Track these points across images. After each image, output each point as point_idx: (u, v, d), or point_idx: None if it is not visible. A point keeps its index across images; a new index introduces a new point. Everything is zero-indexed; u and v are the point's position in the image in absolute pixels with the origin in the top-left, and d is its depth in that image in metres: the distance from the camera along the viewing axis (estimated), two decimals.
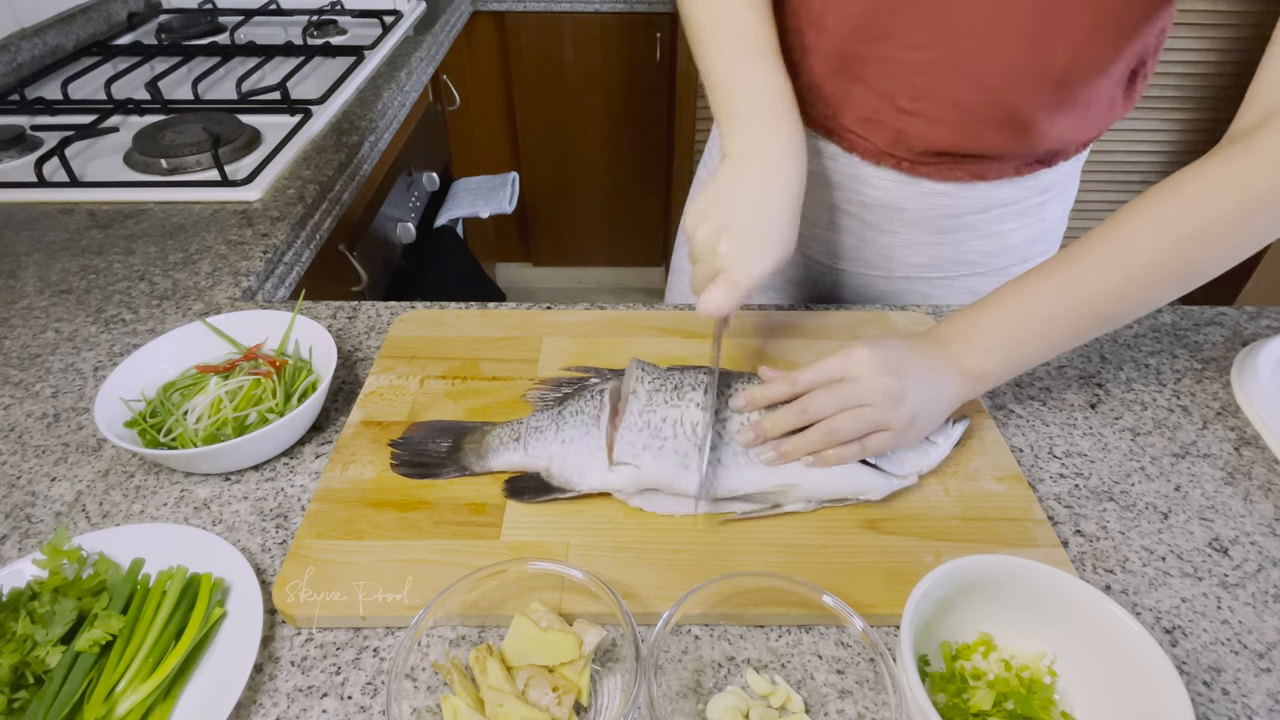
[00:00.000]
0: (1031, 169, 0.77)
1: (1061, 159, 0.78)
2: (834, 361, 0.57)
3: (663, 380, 0.62)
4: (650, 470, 0.57)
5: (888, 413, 0.56)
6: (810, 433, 0.56)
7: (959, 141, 0.74)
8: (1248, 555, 0.57)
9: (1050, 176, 0.79)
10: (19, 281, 0.85)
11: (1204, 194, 0.53)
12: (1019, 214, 0.81)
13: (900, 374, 0.56)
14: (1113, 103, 0.74)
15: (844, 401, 0.56)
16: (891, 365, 0.56)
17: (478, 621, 0.52)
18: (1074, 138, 0.76)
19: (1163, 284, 0.55)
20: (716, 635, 0.52)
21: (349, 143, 1.16)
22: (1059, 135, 0.74)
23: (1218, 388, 0.73)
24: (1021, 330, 0.58)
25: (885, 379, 0.55)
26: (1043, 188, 0.80)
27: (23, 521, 0.59)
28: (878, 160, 0.77)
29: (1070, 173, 0.82)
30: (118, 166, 1.08)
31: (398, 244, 1.42)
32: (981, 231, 0.82)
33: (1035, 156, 0.76)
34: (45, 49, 1.42)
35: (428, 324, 0.77)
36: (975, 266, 0.85)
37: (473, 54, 2.13)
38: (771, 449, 0.57)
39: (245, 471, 0.63)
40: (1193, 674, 0.50)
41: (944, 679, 0.48)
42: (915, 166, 0.76)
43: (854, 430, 0.56)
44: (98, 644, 0.47)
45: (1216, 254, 0.54)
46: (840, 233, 0.84)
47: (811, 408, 0.56)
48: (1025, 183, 0.78)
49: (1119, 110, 0.75)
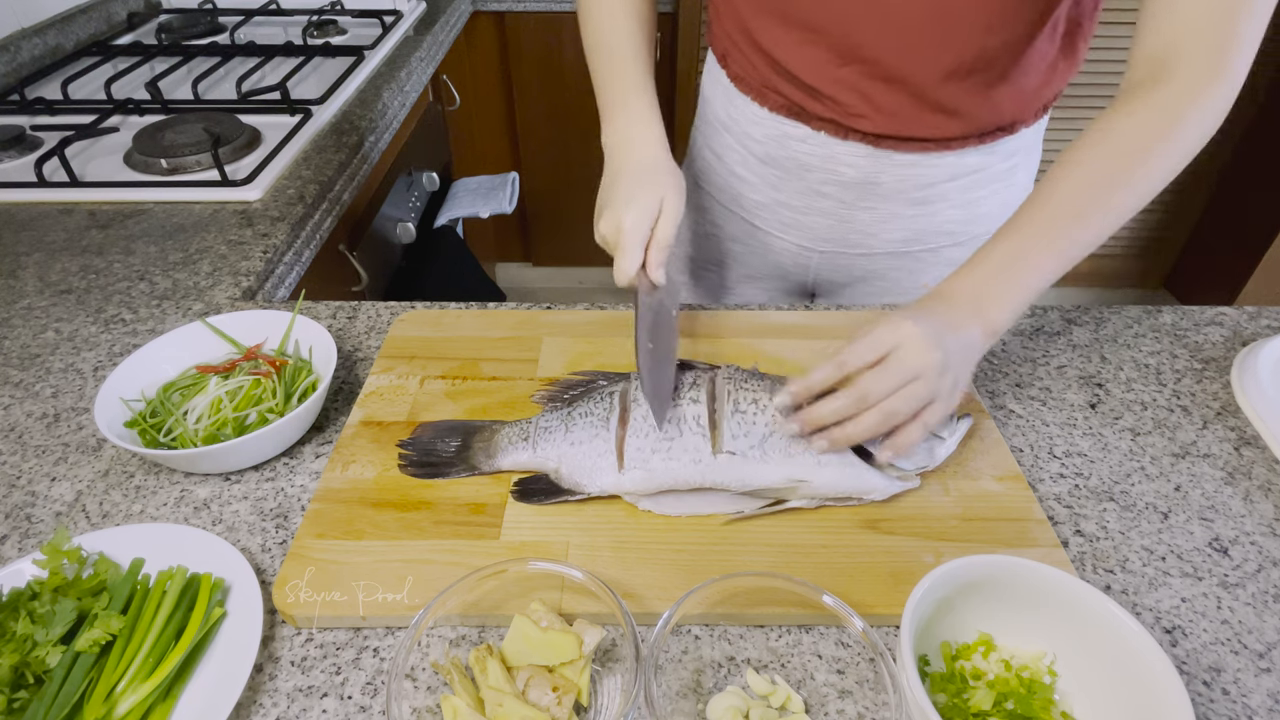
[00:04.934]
0: (993, 136, 0.79)
1: (1021, 125, 0.80)
2: (881, 335, 0.55)
3: None
4: (662, 473, 0.58)
5: (935, 384, 0.55)
6: (867, 416, 0.55)
7: (905, 129, 0.77)
8: (1248, 555, 0.57)
9: (1013, 143, 0.81)
10: (19, 281, 0.85)
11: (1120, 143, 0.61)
12: (990, 180, 0.83)
13: (942, 343, 0.55)
14: (1052, 68, 0.76)
15: (900, 380, 0.54)
16: (936, 334, 0.55)
17: (478, 621, 0.52)
18: (1021, 108, 0.78)
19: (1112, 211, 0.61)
20: (716, 635, 0.52)
21: (349, 143, 1.16)
22: (1002, 111, 0.77)
23: (1218, 388, 0.73)
24: (1022, 281, 0.60)
25: (934, 352, 0.54)
26: (1009, 152, 0.82)
27: (23, 521, 0.59)
28: (845, 136, 0.79)
29: (1033, 137, 0.84)
30: (118, 166, 1.08)
31: (398, 244, 1.42)
32: (955, 200, 0.83)
33: (986, 130, 0.78)
34: (45, 49, 1.42)
35: (428, 324, 0.77)
36: (954, 236, 0.86)
37: (473, 54, 2.13)
38: (824, 437, 0.56)
39: (245, 471, 0.63)
40: (1193, 674, 0.50)
41: (944, 679, 0.48)
42: (880, 140, 0.78)
43: (910, 409, 0.55)
44: (98, 644, 0.47)
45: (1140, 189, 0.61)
46: (820, 215, 0.86)
47: (872, 393, 0.54)
48: (991, 149, 0.80)
49: (1062, 72, 0.77)
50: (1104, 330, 0.80)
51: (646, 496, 0.58)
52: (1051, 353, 0.77)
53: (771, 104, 0.81)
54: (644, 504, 0.58)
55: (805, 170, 0.83)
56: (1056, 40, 0.73)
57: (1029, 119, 0.80)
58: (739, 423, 0.59)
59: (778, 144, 0.83)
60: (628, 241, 0.65)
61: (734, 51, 0.83)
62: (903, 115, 0.75)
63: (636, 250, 0.65)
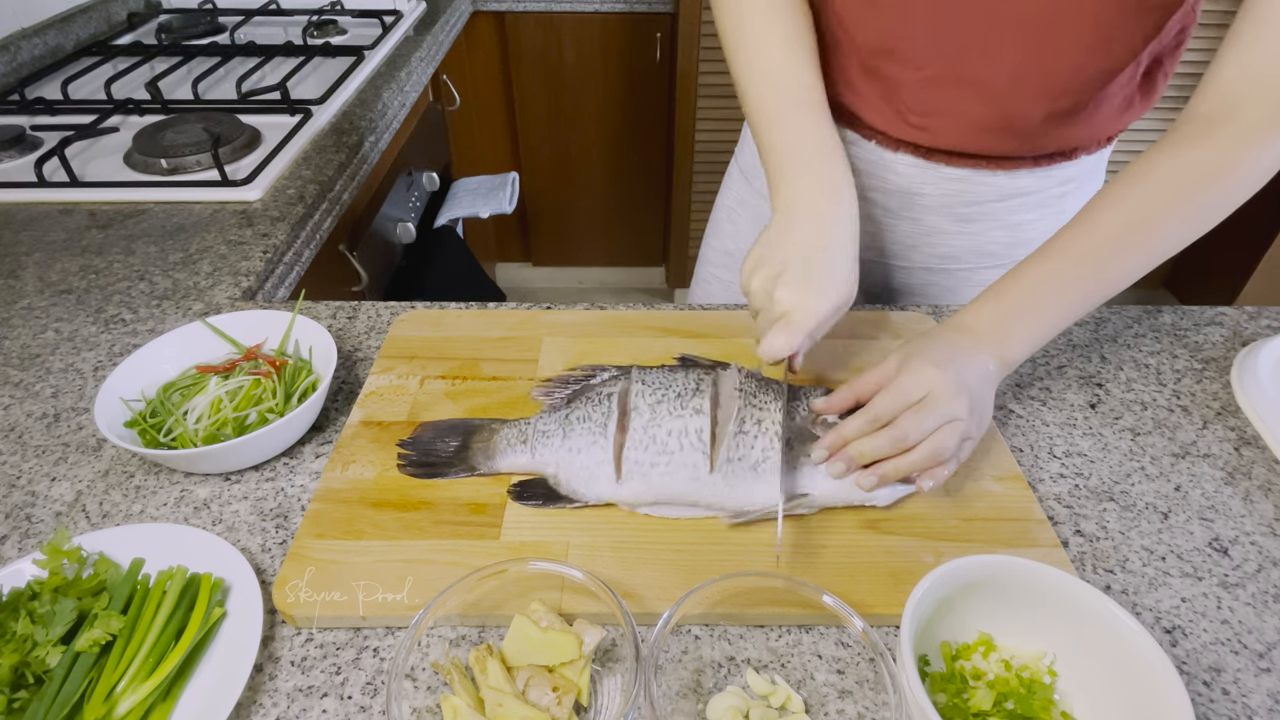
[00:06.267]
0: (1051, 160, 0.78)
1: (1082, 153, 0.79)
2: (908, 386, 0.56)
3: (664, 390, 0.61)
4: (660, 486, 0.57)
5: (969, 422, 0.56)
6: (914, 454, 0.55)
7: (965, 145, 0.75)
8: (1248, 555, 0.57)
9: (1070, 169, 0.80)
10: (19, 281, 0.85)
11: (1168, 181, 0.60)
12: (1039, 205, 0.81)
13: (967, 383, 0.56)
14: (1128, 103, 0.75)
15: (939, 419, 0.55)
16: (960, 377, 0.56)
17: (478, 621, 0.52)
18: (1088, 138, 0.77)
19: (1148, 253, 0.61)
20: (716, 635, 0.52)
21: (349, 143, 1.16)
22: (1067, 138, 0.75)
23: (1218, 388, 0.73)
24: (1045, 318, 0.61)
25: (962, 395, 0.55)
26: (1063, 179, 0.80)
27: (23, 521, 0.59)
28: (895, 148, 0.78)
29: (1092, 167, 0.82)
30: (118, 166, 1.08)
31: (398, 244, 1.42)
32: (1003, 221, 0.82)
33: (1046, 154, 0.77)
34: (45, 49, 1.42)
35: (428, 324, 0.77)
36: (995, 258, 0.85)
37: (473, 54, 2.13)
38: (873, 474, 0.56)
39: (245, 471, 0.63)
40: (1193, 674, 0.50)
41: (944, 679, 0.48)
42: (931, 154, 0.78)
43: (953, 446, 0.55)
44: (98, 644, 0.47)
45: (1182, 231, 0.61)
46: (862, 221, 0.84)
47: (911, 434, 0.55)
48: (1045, 173, 0.79)
49: (1137, 109, 0.76)
50: (1104, 330, 0.80)
51: (646, 506, 0.58)
52: (1051, 353, 0.77)
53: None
54: (643, 510, 0.58)
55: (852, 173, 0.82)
56: (1138, 75, 0.72)
57: (1092, 148, 0.79)
58: (738, 444, 0.58)
59: None
60: (800, 324, 0.59)
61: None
62: (967, 132, 0.74)
63: (803, 337, 0.60)
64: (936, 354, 0.57)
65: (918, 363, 0.57)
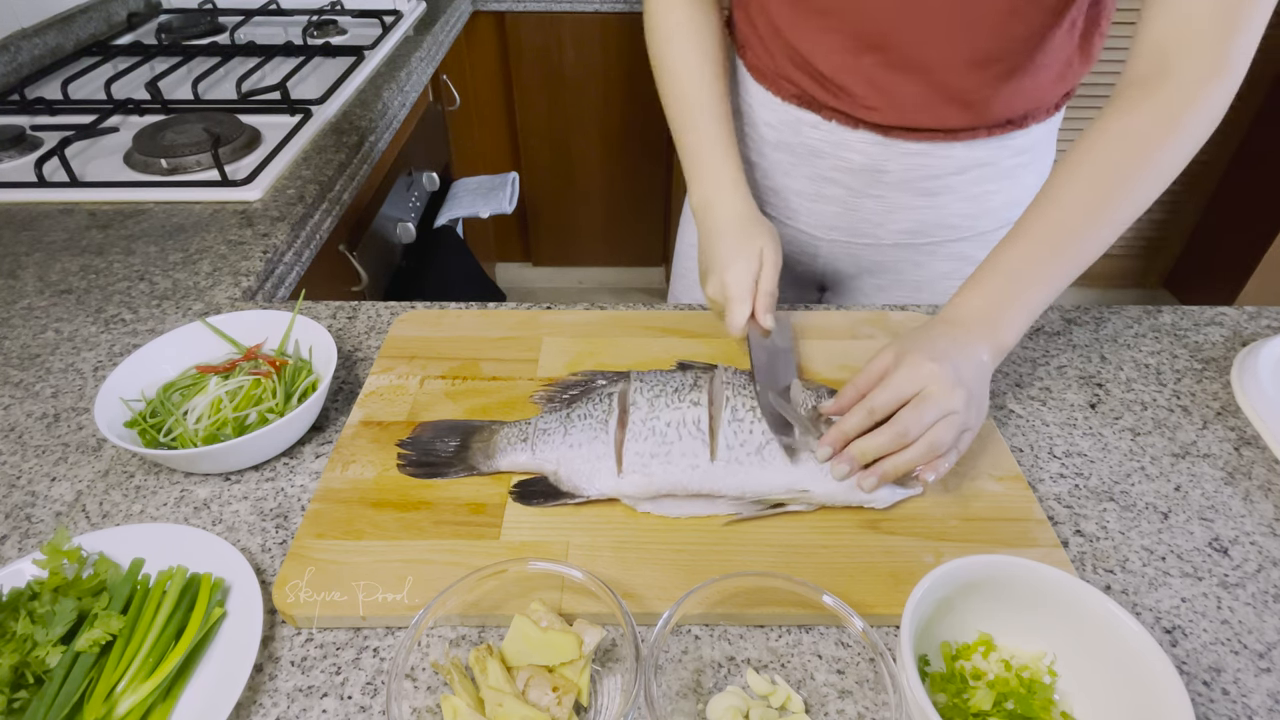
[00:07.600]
0: (1004, 129, 0.79)
1: (1032, 121, 0.80)
2: (903, 381, 0.57)
3: (661, 386, 0.63)
4: (661, 477, 0.58)
5: (967, 414, 0.57)
6: (912, 450, 0.56)
7: (919, 120, 0.78)
8: (1248, 555, 0.57)
9: (1023, 139, 0.81)
10: (19, 281, 0.85)
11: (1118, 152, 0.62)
12: (998, 176, 0.83)
13: (964, 376, 0.57)
14: (1067, 64, 0.77)
15: (937, 415, 0.56)
16: (957, 370, 0.57)
17: (478, 621, 0.52)
18: (1034, 102, 0.79)
19: (1113, 223, 0.62)
20: (716, 635, 0.52)
21: (349, 143, 1.16)
22: (1015, 105, 0.77)
23: (1218, 388, 0.73)
24: (1028, 301, 0.62)
25: (958, 389, 0.56)
26: (1018, 149, 0.82)
27: (23, 521, 0.59)
28: (855, 125, 0.80)
29: (1044, 136, 0.84)
30: (118, 166, 1.08)
31: (398, 244, 1.42)
32: (964, 194, 0.84)
33: (997, 122, 0.79)
34: (45, 49, 1.42)
35: (428, 324, 0.77)
36: (959, 230, 0.87)
37: (473, 54, 2.13)
38: (873, 474, 0.56)
39: (245, 471, 0.63)
40: (1193, 674, 0.50)
41: (944, 679, 0.48)
42: (889, 131, 0.79)
43: (951, 439, 0.56)
44: (98, 644, 0.47)
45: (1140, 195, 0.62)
46: (827, 202, 0.87)
47: (911, 429, 0.55)
48: (1000, 143, 0.80)
49: (1077, 69, 0.78)
50: (1104, 330, 0.80)
51: (647, 500, 0.58)
52: (1051, 353, 0.77)
53: (785, 93, 0.82)
54: (643, 506, 0.58)
55: (815, 156, 0.84)
56: (1075, 38, 0.74)
57: (1041, 115, 0.80)
58: (735, 431, 0.59)
59: (790, 129, 0.84)
60: (734, 295, 0.69)
61: (752, 39, 0.84)
62: (915, 107, 0.76)
63: (744, 302, 0.69)
64: (932, 348, 0.58)
65: (914, 357, 0.57)
